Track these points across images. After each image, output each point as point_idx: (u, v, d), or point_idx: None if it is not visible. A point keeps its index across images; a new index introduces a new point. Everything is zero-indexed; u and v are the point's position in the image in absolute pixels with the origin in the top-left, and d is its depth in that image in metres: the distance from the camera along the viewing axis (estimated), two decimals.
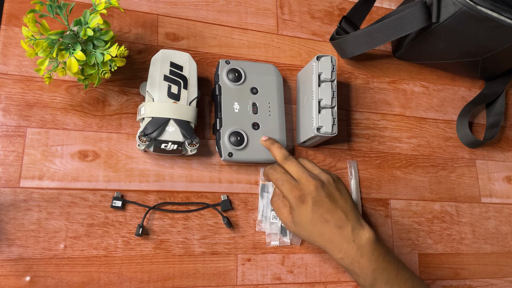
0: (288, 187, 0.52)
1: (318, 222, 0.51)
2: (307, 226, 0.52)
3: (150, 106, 0.55)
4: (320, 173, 0.54)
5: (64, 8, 0.49)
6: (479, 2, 0.58)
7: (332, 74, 0.62)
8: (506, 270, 0.72)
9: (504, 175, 0.77)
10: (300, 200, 0.51)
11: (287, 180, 0.53)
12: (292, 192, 0.52)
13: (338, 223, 0.51)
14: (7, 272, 0.51)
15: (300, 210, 0.52)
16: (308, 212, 0.51)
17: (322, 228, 0.51)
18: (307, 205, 0.51)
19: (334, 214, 0.52)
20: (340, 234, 0.51)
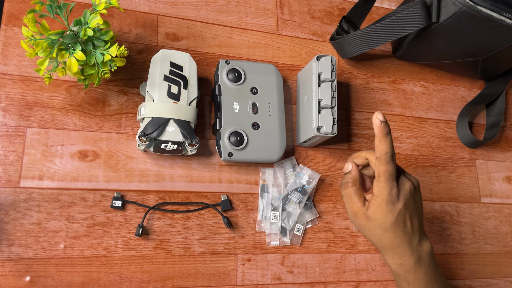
0: (391, 184, 0.48)
1: (398, 226, 0.49)
2: (385, 226, 0.49)
3: (150, 106, 0.55)
4: (412, 177, 0.52)
5: (64, 8, 0.49)
6: (479, 2, 0.58)
7: (332, 74, 0.62)
8: (506, 270, 0.72)
9: (504, 175, 0.77)
10: (394, 199, 0.48)
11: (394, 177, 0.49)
12: (392, 190, 0.48)
13: (411, 231, 0.50)
14: (7, 272, 0.51)
15: (387, 208, 0.48)
16: (395, 213, 0.49)
17: (398, 233, 0.49)
18: (398, 206, 0.49)
19: (413, 220, 0.50)
20: (410, 242, 0.50)
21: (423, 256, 0.51)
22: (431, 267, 0.51)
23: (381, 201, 0.49)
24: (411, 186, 0.50)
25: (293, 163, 0.65)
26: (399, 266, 0.51)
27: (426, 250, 0.51)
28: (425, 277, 0.51)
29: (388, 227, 0.49)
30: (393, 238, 0.50)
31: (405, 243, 0.50)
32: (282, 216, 0.62)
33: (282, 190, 0.63)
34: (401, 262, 0.51)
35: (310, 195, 0.63)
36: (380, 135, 0.47)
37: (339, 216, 0.65)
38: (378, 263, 0.65)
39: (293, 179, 0.63)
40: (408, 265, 0.50)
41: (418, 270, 0.51)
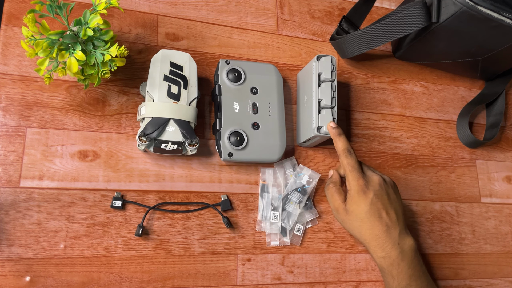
0: (356, 175, 0.55)
1: (373, 215, 0.53)
2: (361, 216, 0.54)
3: (150, 106, 0.55)
4: (381, 174, 0.58)
5: (64, 8, 0.49)
6: (479, 2, 0.58)
7: (332, 74, 0.62)
8: (506, 270, 0.72)
9: (504, 175, 0.77)
10: (363, 189, 0.54)
11: (357, 168, 0.55)
12: (359, 181, 0.54)
13: (389, 222, 0.54)
14: (7, 272, 0.51)
15: (359, 199, 0.54)
16: (367, 202, 0.53)
17: (375, 222, 0.53)
18: (368, 196, 0.54)
19: (388, 212, 0.54)
20: (388, 234, 0.53)
21: (405, 250, 0.54)
22: (415, 262, 0.54)
23: (353, 193, 0.54)
24: (380, 179, 0.55)
25: (293, 163, 0.65)
26: (382, 259, 0.54)
27: (408, 245, 0.54)
28: (408, 271, 0.54)
29: (364, 217, 0.54)
30: (371, 228, 0.54)
31: (384, 234, 0.53)
32: (282, 216, 0.62)
33: (282, 190, 0.63)
34: (383, 255, 0.54)
35: (310, 195, 0.63)
36: (334, 136, 0.58)
37: None
38: None
39: (293, 179, 0.63)
40: (391, 258, 0.53)
41: (400, 264, 0.53)
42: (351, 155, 0.56)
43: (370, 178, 0.55)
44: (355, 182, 0.54)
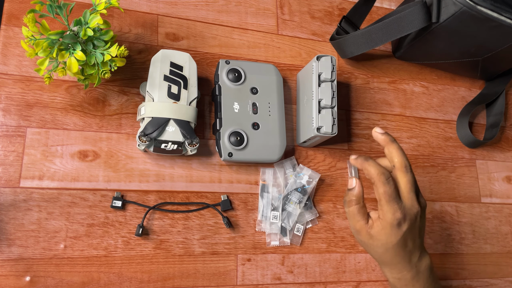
0: (394, 207, 0.48)
1: (400, 247, 0.49)
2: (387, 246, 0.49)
3: (150, 106, 0.55)
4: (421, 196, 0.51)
5: (64, 8, 0.49)
6: (479, 2, 0.58)
7: (332, 74, 0.62)
8: (506, 270, 0.72)
9: (504, 175, 0.77)
10: (399, 223, 0.48)
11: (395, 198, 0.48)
12: (396, 214, 0.47)
13: (412, 250, 0.50)
14: (7, 272, 0.51)
15: (391, 231, 0.48)
16: (398, 236, 0.48)
17: (398, 252, 0.49)
18: (402, 229, 0.48)
19: (414, 242, 0.50)
20: (409, 259, 0.50)
21: (421, 271, 0.51)
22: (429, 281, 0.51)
23: (385, 224, 0.48)
24: (418, 211, 0.49)
25: (293, 163, 0.65)
26: (397, 280, 0.51)
27: (425, 265, 0.51)
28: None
29: (390, 247, 0.49)
30: (394, 256, 0.50)
31: (405, 260, 0.50)
32: (282, 216, 0.62)
33: (282, 190, 0.63)
34: (399, 276, 0.51)
35: (310, 195, 0.63)
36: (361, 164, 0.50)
37: (339, 216, 0.65)
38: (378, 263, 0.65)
39: (293, 179, 0.63)
40: (406, 280, 0.51)
41: (415, 285, 0.51)
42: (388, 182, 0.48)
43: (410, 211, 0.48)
44: (391, 215, 0.47)
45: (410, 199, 0.49)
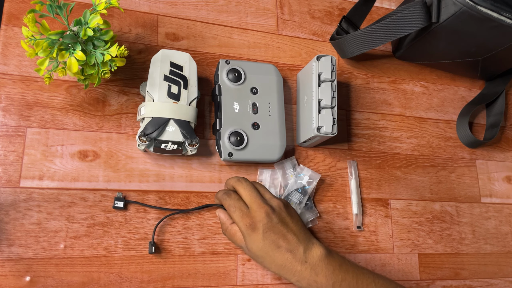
0: (239, 215, 0.52)
1: (270, 249, 0.50)
2: (259, 254, 0.51)
3: (150, 106, 0.55)
4: (271, 198, 0.54)
5: (64, 8, 0.49)
6: (479, 2, 0.58)
7: (332, 74, 0.62)
8: (506, 270, 0.72)
9: (504, 175, 0.77)
10: (251, 228, 0.51)
11: (239, 207, 0.53)
12: (243, 220, 0.51)
13: (289, 247, 0.50)
14: (7, 272, 0.51)
15: (251, 238, 0.51)
16: (259, 239, 0.51)
17: (274, 255, 0.50)
18: (258, 232, 0.51)
19: (286, 238, 0.51)
20: (293, 258, 0.50)
21: (315, 264, 0.50)
22: (331, 269, 0.50)
23: (244, 234, 0.52)
24: (266, 209, 0.51)
25: (293, 163, 0.65)
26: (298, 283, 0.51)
27: (316, 256, 0.50)
28: (328, 281, 0.50)
29: (262, 254, 0.51)
30: (273, 261, 0.51)
31: (288, 260, 0.50)
32: None
33: (279, 191, 0.62)
34: (296, 278, 0.50)
35: (310, 195, 0.63)
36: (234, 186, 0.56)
37: (339, 216, 0.65)
38: (378, 263, 0.65)
39: (294, 180, 0.63)
40: (306, 278, 0.50)
41: (317, 279, 0.50)
42: (228, 196, 0.54)
43: (256, 213, 0.51)
44: (241, 223, 0.52)
45: (255, 203, 0.52)
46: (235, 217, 0.52)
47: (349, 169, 0.68)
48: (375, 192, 0.68)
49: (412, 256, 0.67)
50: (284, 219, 0.52)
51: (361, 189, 0.68)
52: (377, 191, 0.68)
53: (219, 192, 0.57)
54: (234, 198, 0.54)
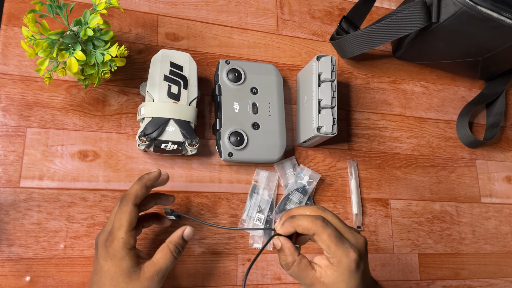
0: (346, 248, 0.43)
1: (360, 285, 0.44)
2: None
3: (150, 106, 0.55)
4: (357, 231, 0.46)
5: (64, 8, 0.49)
6: (479, 2, 0.58)
7: (332, 74, 0.62)
8: (506, 270, 0.72)
9: (504, 175, 0.77)
10: (357, 264, 0.43)
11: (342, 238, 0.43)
12: (350, 254, 0.42)
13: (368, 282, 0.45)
14: (7, 272, 0.51)
15: (350, 275, 0.43)
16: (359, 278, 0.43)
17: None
18: (360, 269, 0.43)
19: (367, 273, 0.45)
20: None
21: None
22: None
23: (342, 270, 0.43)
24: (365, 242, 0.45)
25: (293, 163, 0.65)
26: None
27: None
28: None
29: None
30: None
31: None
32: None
33: (273, 194, 0.62)
34: None
35: (310, 195, 0.63)
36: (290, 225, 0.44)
37: (339, 216, 0.65)
38: (378, 263, 0.65)
39: (294, 180, 0.63)
40: None
41: None
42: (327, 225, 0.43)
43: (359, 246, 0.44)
44: (346, 258, 0.42)
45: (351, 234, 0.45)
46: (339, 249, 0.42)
47: (349, 169, 0.68)
48: (375, 192, 0.68)
49: (412, 256, 0.67)
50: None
51: (361, 189, 0.68)
52: (377, 191, 0.68)
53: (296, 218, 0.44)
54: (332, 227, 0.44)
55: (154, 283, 0.45)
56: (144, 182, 0.47)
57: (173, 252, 0.46)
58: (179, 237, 0.48)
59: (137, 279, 0.44)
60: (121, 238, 0.44)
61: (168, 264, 0.46)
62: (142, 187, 0.47)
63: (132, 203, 0.45)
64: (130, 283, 0.44)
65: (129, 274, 0.44)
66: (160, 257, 0.46)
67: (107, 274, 0.44)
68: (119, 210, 0.45)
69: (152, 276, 0.45)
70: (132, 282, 0.44)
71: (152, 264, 0.45)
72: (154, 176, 0.48)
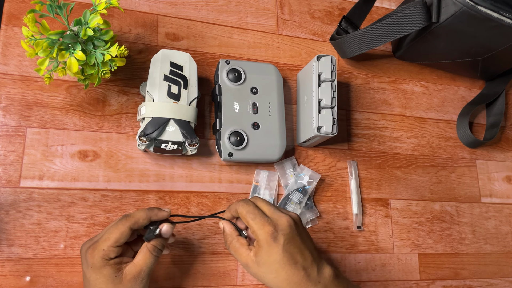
0: (260, 222, 0.47)
1: (287, 263, 0.46)
2: (274, 267, 0.47)
3: (150, 106, 0.55)
4: (287, 212, 0.50)
5: (64, 8, 0.49)
6: (479, 2, 0.58)
7: (332, 74, 0.62)
8: (506, 270, 0.72)
9: (504, 175, 0.77)
10: (273, 237, 0.46)
11: (259, 214, 0.48)
12: (264, 228, 0.47)
13: (305, 264, 0.47)
14: (7, 272, 0.51)
15: (270, 249, 0.46)
16: (279, 251, 0.46)
17: (291, 271, 0.47)
18: (279, 243, 0.46)
19: (303, 254, 0.48)
20: (308, 277, 0.47)
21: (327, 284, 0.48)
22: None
23: (261, 243, 0.47)
24: (289, 220, 0.48)
25: (293, 163, 0.65)
26: None
27: (328, 276, 0.48)
28: None
29: (278, 267, 0.47)
30: (289, 277, 0.47)
31: (303, 279, 0.47)
32: None
33: (275, 193, 0.62)
34: None
35: (310, 195, 0.63)
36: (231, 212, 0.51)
37: (339, 216, 0.65)
38: (378, 263, 0.65)
39: (294, 180, 0.63)
40: None
41: None
42: (246, 203, 0.49)
43: (278, 222, 0.47)
44: (262, 231, 0.46)
45: (275, 212, 0.48)
46: (255, 224, 0.47)
47: (349, 169, 0.68)
48: (375, 192, 0.68)
49: (412, 256, 0.67)
50: (301, 233, 0.49)
51: (361, 189, 0.68)
52: (377, 191, 0.68)
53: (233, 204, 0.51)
54: (252, 205, 0.49)
55: (137, 283, 0.46)
56: (150, 215, 0.48)
57: (152, 252, 0.47)
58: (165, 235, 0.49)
59: (120, 282, 0.46)
60: (102, 250, 0.45)
61: (148, 264, 0.47)
62: (147, 217, 0.47)
63: (129, 225, 0.46)
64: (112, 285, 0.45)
65: (112, 280, 0.45)
66: (140, 258, 0.47)
67: (90, 281, 0.46)
68: (114, 225, 0.46)
69: (134, 278, 0.46)
70: (113, 284, 0.45)
71: (133, 266, 0.46)
72: (162, 215, 0.49)
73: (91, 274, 0.45)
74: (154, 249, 0.47)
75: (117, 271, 0.46)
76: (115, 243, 0.45)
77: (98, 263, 0.45)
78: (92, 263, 0.45)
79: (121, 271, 0.46)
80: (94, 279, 0.45)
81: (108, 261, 0.45)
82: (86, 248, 0.46)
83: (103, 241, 0.46)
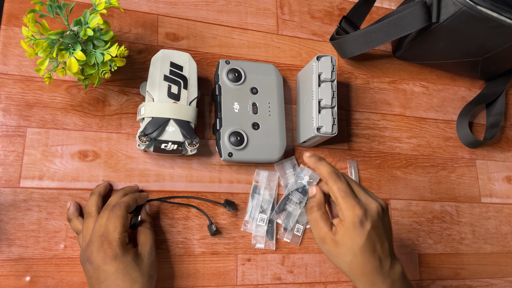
0: (351, 203, 0.46)
1: (367, 251, 0.46)
2: (354, 251, 0.46)
3: (150, 106, 0.55)
4: (376, 198, 0.49)
5: (64, 8, 0.49)
6: (479, 2, 0.58)
7: (332, 74, 0.62)
8: (506, 270, 0.72)
9: (504, 175, 0.77)
10: (361, 220, 0.45)
11: (351, 194, 0.46)
12: (354, 210, 0.45)
13: (381, 255, 0.47)
14: (7, 272, 0.51)
15: (355, 231, 0.45)
16: (363, 236, 0.45)
17: (368, 258, 0.46)
18: (365, 228, 0.45)
19: (383, 244, 0.47)
20: (381, 268, 0.46)
21: (395, 281, 0.48)
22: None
23: (347, 224, 0.46)
24: (378, 207, 0.47)
25: (293, 163, 0.65)
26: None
27: (398, 273, 0.48)
28: None
29: (357, 251, 0.46)
30: (364, 264, 0.46)
31: (376, 269, 0.46)
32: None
33: (275, 193, 0.62)
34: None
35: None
36: (315, 164, 0.49)
37: None
38: None
39: (294, 180, 0.63)
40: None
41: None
42: (339, 179, 0.47)
43: (368, 206, 0.46)
44: (351, 212, 0.45)
45: (365, 197, 0.47)
46: (344, 203, 0.46)
47: (349, 169, 0.68)
48: (375, 192, 0.68)
49: (412, 256, 0.67)
50: (386, 223, 0.48)
51: None
52: (377, 191, 0.68)
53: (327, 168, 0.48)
54: (346, 183, 0.47)
55: (153, 256, 0.52)
56: (136, 198, 0.53)
57: (149, 228, 0.54)
58: (145, 214, 0.55)
59: (142, 262, 0.50)
60: (118, 239, 0.48)
61: (152, 237, 0.53)
62: (133, 200, 0.52)
63: (125, 209, 0.50)
64: (139, 268, 0.49)
65: (135, 262, 0.49)
66: (144, 236, 0.53)
67: (117, 274, 0.47)
68: (112, 215, 0.49)
69: (149, 253, 0.51)
70: (139, 266, 0.49)
71: (143, 245, 0.52)
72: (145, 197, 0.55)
73: (117, 267, 0.47)
74: (147, 225, 0.54)
75: (135, 253, 0.50)
76: (124, 228, 0.49)
77: (120, 251, 0.48)
78: (114, 254, 0.47)
79: (137, 253, 0.50)
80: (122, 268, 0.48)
81: (127, 247, 0.49)
82: (99, 246, 0.48)
83: (112, 231, 0.48)
